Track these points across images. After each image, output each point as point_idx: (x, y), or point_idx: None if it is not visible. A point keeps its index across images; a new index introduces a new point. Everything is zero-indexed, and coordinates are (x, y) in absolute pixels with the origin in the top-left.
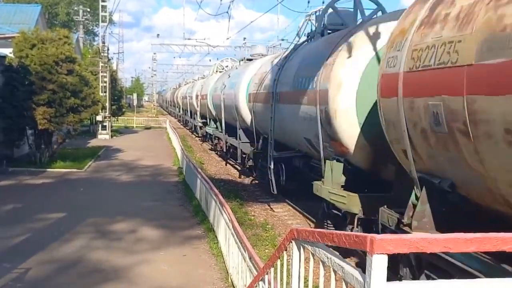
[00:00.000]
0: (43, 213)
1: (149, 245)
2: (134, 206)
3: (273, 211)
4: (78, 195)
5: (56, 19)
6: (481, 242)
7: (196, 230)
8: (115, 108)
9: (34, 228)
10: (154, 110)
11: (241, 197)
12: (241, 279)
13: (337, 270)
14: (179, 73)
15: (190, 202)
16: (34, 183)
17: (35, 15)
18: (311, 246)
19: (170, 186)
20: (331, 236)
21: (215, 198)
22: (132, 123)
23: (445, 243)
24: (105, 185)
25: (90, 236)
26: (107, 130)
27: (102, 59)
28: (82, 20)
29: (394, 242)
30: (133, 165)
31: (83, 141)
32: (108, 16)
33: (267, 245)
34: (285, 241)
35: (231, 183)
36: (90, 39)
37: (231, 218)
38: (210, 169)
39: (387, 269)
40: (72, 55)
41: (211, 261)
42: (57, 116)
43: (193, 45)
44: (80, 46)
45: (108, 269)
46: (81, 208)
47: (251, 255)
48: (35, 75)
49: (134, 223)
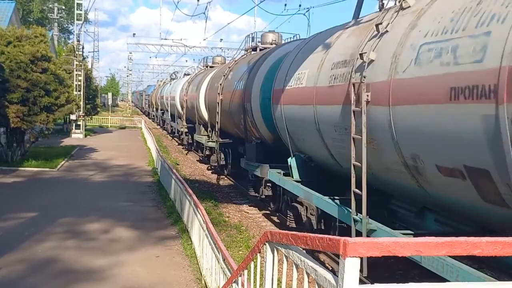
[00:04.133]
0: (14, 212)
1: (122, 246)
2: (108, 207)
3: (247, 213)
4: (50, 194)
5: (30, 16)
6: (452, 246)
7: (170, 231)
8: (89, 107)
9: (4, 228)
10: (129, 109)
11: (216, 198)
12: (215, 281)
13: (310, 272)
14: (155, 73)
15: (164, 203)
16: (5, 182)
17: (9, 11)
18: (284, 248)
19: (144, 187)
20: (305, 239)
21: (189, 199)
22: (106, 123)
23: (416, 246)
24: (78, 185)
25: (62, 236)
26: (81, 129)
27: (76, 57)
28: (57, 18)
29: (366, 245)
30: (106, 165)
31: (56, 140)
32: (84, 14)
33: (241, 246)
34: (259, 243)
35: (206, 184)
36: (65, 37)
37: (205, 219)
38: (185, 170)
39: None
40: (48, 54)
41: (185, 262)
42: (30, 115)
43: (170, 45)
44: (55, 44)
45: (80, 270)
46: (53, 208)
47: (225, 256)
48: (9, 73)
49: (107, 223)
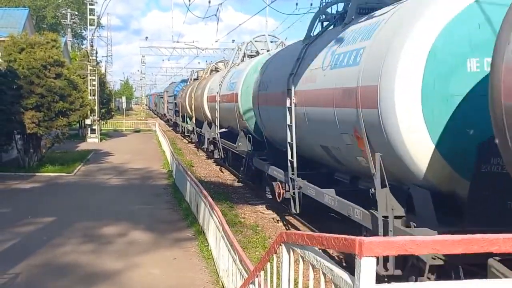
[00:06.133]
0: (32, 217)
1: (139, 249)
2: (124, 210)
3: (263, 213)
4: (66, 199)
5: (43, 23)
6: (469, 244)
7: (186, 233)
8: (104, 112)
9: (23, 233)
10: (143, 113)
11: (231, 200)
12: (232, 282)
13: (326, 272)
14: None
15: (180, 205)
16: (22, 187)
17: (22, 18)
18: (300, 249)
19: (160, 189)
20: (320, 239)
21: (204, 201)
22: (121, 126)
23: (433, 245)
24: (94, 189)
25: (80, 240)
26: (96, 133)
27: (90, 62)
28: (70, 24)
29: (382, 244)
30: (122, 169)
31: (72, 145)
32: (96, 19)
33: (258, 247)
34: (274, 244)
35: (221, 185)
36: (78, 42)
37: (221, 221)
38: (200, 172)
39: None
40: (60, 59)
41: (202, 264)
42: (45, 120)
43: (182, 48)
44: (68, 49)
45: (98, 273)
46: (70, 212)
47: (242, 257)
48: (23, 79)
49: (124, 226)
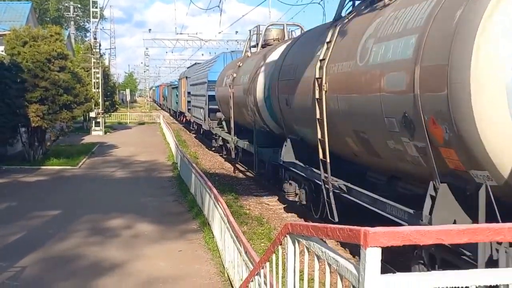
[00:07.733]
0: (38, 210)
1: (144, 241)
2: (129, 202)
3: (268, 204)
4: (72, 192)
5: (46, 16)
6: (474, 233)
7: (191, 225)
8: (108, 104)
9: (29, 226)
10: (147, 105)
11: (236, 191)
12: (237, 273)
13: (331, 263)
14: (171, 68)
15: (185, 197)
16: (28, 180)
17: (25, 12)
18: (305, 240)
19: (165, 181)
20: (325, 230)
21: (209, 192)
22: (125, 119)
23: (438, 234)
24: (99, 181)
25: (86, 233)
26: (100, 126)
27: (94, 55)
28: (73, 16)
29: (387, 235)
30: (127, 161)
31: (76, 138)
32: (99, 12)
33: (263, 238)
34: (279, 235)
35: (226, 177)
36: (82, 35)
37: (226, 213)
38: (205, 164)
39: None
40: (64, 52)
41: (207, 256)
42: (50, 113)
43: (185, 40)
44: (72, 42)
45: (105, 265)
46: (76, 205)
47: (247, 249)
48: (27, 73)
49: (129, 219)
